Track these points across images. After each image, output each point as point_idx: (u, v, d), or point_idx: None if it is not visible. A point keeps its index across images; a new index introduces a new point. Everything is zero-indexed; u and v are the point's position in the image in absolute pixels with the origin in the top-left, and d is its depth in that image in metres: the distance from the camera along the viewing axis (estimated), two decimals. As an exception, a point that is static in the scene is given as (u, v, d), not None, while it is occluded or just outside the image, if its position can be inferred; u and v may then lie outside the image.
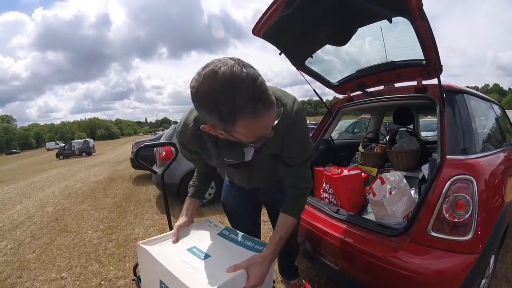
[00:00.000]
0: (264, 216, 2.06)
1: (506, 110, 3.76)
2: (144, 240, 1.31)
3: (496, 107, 3.26)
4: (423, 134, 7.30)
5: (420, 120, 5.20)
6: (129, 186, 8.09)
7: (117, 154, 25.30)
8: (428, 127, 10.57)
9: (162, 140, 6.21)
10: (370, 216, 2.22)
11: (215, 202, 5.23)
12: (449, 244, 1.59)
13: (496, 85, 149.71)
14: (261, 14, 2.25)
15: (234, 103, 0.87)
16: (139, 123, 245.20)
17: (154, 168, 5.85)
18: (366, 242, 1.87)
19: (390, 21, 2.03)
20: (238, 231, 1.45)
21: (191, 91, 0.94)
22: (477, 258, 1.56)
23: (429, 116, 10.22)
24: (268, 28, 2.30)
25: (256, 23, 2.32)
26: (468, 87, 2.73)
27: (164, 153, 5.36)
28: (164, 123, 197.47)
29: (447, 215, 1.61)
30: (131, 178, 9.39)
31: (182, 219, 1.49)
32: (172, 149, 2.51)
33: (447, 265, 1.56)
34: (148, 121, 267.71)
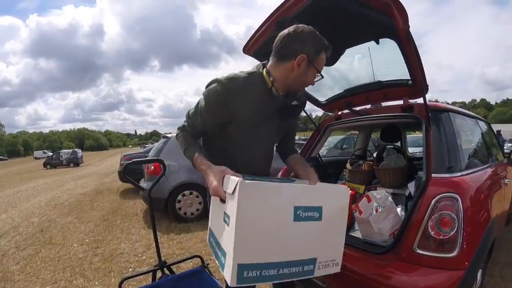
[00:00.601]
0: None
1: (494, 124, 3.85)
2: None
3: (482, 123, 3.34)
4: (411, 150, 7.40)
5: (408, 135, 5.28)
6: (116, 199, 8.04)
7: (105, 166, 25.07)
8: (416, 143, 10.68)
9: (151, 154, 6.19)
10: (357, 233, 2.23)
11: (203, 218, 5.24)
12: (436, 261, 1.62)
13: (483, 100, 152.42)
14: (252, 32, 2.29)
15: (321, 42, 1.42)
16: (128, 135, 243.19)
17: (142, 182, 5.82)
18: (353, 260, 1.87)
19: (377, 42, 2.09)
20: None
21: (289, 32, 1.40)
22: (464, 274, 1.58)
23: (417, 132, 10.35)
24: (259, 47, 2.32)
25: (247, 42, 2.35)
26: (455, 102, 2.81)
27: (152, 167, 5.36)
28: (154, 135, 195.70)
29: (433, 232, 1.64)
30: (118, 191, 9.33)
31: (219, 170, 1.27)
32: (161, 165, 2.51)
33: (434, 282, 1.58)
34: (138, 133, 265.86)
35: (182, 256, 3.68)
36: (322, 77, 1.49)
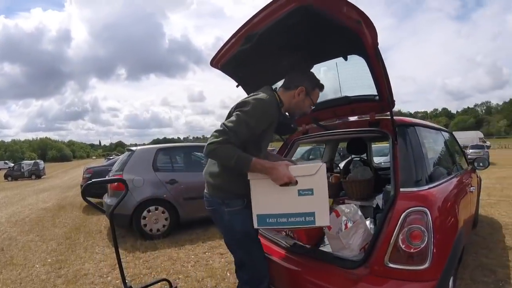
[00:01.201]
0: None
1: (456, 132, 4.03)
2: None
3: (445, 134, 3.47)
4: (376, 159, 7.57)
5: (372, 145, 5.40)
6: (79, 215, 7.69)
7: (69, 178, 24.11)
8: (380, 152, 11.01)
9: (115, 167, 5.97)
10: (327, 247, 2.23)
11: (169, 234, 5.10)
12: (408, 273, 1.64)
13: (444, 109, 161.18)
14: (221, 44, 2.26)
15: (317, 81, 2.01)
16: (92, 145, 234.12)
17: (105, 197, 5.60)
18: (325, 275, 1.88)
19: (346, 59, 2.13)
20: None
21: (299, 69, 2.06)
22: (436, 284, 1.62)
23: (382, 142, 10.62)
24: (226, 61, 2.31)
25: (215, 55, 2.32)
26: (417, 112, 2.92)
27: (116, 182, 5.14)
28: (119, 146, 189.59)
29: (403, 246, 1.66)
30: (82, 206, 8.93)
31: (285, 164, 1.76)
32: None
33: (408, 294, 1.61)
34: (102, 143, 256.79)
35: (149, 276, 3.54)
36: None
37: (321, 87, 2.04)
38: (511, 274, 3.13)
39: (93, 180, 2.44)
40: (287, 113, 2.04)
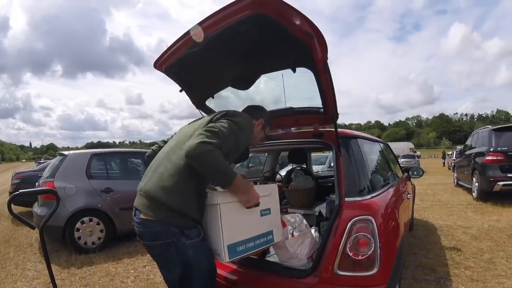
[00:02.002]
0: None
1: (388, 142, 4.31)
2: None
3: (382, 145, 3.67)
4: (314, 168, 7.81)
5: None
6: (8, 226, 6.92)
7: None
8: (317, 161, 11.38)
9: (46, 173, 5.48)
10: (274, 257, 2.21)
11: (105, 248, 4.79)
12: (358, 280, 1.69)
13: (377, 121, 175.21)
14: (165, 47, 2.18)
15: (271, 120, 2.17)
16: (22, 147, 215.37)
17: (35, 207, 5.12)
18: (274, 286, 1.88)
19: (294, 71, 2.15)
20: None
21: (259, 106, 2.16)
22: None
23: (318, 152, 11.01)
24: (171, 64, 2.23)
25: (159, 56, 2.24)
26: (352, 123, 3.05)
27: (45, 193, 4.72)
28: (50, 149, 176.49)
29: (351, 253, 1.71)
30: (10, 216, 7.87)
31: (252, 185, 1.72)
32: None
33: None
34: (33, 145, 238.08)
35: (86, 294, 3.28)
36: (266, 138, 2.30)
37: (271, 124, 2.22)
38: (451, 272, 3.41)
39: (20, 191, 2.21)
40: None
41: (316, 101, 2.28)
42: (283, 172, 4.30)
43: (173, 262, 1.59)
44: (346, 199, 1.90)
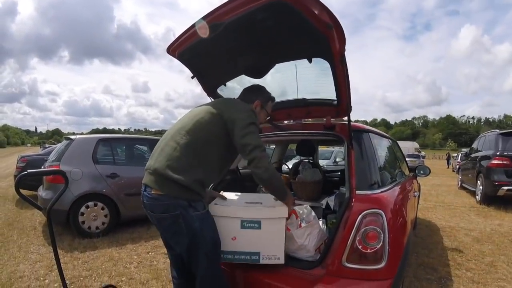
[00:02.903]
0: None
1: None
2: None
3: (392, 142, 3.68)
4: (320, 162, 7.80)
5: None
6: (12, 209, 6.93)
7: (1, 167, 21.71)
8: (322, 156, 11.36)
9: (51, 157, 5.52)
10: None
11: (109, 233, 4.79)
12: (365, 273, 1.70)
13: (383, 119, 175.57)
14: (176, 35, 2.16)
15: (269, 94, 2.16)
16: (28, 132, 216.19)
17: (40, 190, 5.15)
18: (282, 276, 1.87)
19: (310, 61, 2.12)
20: None
21: (253, 86, 2.19)
22: (392, 283, 1.70)
23: (323, 146, 11.01)
24: (185, 50, 2.21)
25: (173, 42, 2.22)
26: (358, 120, 3.04)
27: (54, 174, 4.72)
28: (55, 134, 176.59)
29: (360, 246, 1.72)
30: (15, 199, 7.98)
31: None
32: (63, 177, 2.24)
33: (367, 293, 1.67)
34: (38, 130, 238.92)
35: (90, 279, 3.29)
36: (271, 118, 2.39)
37: (273, 99, 2.22)
38: (452, 273, 3.42)
39: (28, 171, 2.19)
40: None
41: (329, 93, 2.27)
42: (292, 165, 4.29)
43: (181, 233, 1.71)
44: (357, 192, 1.90)
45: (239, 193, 2.23)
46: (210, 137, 1.79)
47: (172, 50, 2.27)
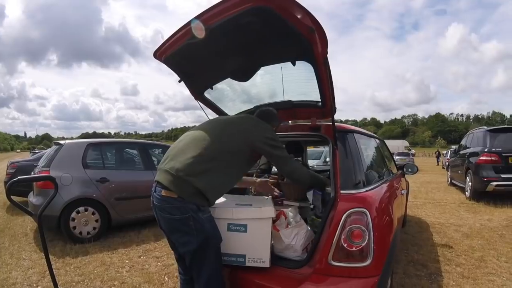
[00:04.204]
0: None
1: (384, 139, 4.36)
2: None
3: (378, 141, 3.71)
4: (309, 162, 7.83)
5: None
6: (2, 216, 6.86)
7: None
8: (312, 156, 11.39)
9: (41, 162, 5.47)
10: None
11: (101, 238, 4.77)
12: (351, 270, 1.75)
13: (373, 118, 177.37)
14: (162, 38, 2.19)
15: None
16: (17, 137, 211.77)
17: (31, 196, 5.13)
18: (270, 276, 1.90)
19: (294, 64, 2.16)
20: None
21: (269, 111, 2.30)
22: (379, 280, 1.74)
23: (312, 147, 11.06)
24: (171, 54, 2.23)
25: (159, 46, 2.23)
26: (348, 120, 3.09)
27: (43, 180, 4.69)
28: (45, 139, 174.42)
29: (346, 244, 1.75)
30: (5, 205, 7.87)
31: None
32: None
33: (353, 290, 1.70)
34: (28, 135, 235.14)
35: (82, 284, 3.29)
36: None
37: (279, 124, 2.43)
38: (442, 268, 3.47)
39: (18, 177, 2.20)
40: None
41: (314, 95, 2.31)
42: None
43: (191, 234, 1.75)
44: (342, 191, 1.93)
45: (229, 195, 2.24)
46: (235, 150, 1.89)
47: (159, 54, 2.29)
